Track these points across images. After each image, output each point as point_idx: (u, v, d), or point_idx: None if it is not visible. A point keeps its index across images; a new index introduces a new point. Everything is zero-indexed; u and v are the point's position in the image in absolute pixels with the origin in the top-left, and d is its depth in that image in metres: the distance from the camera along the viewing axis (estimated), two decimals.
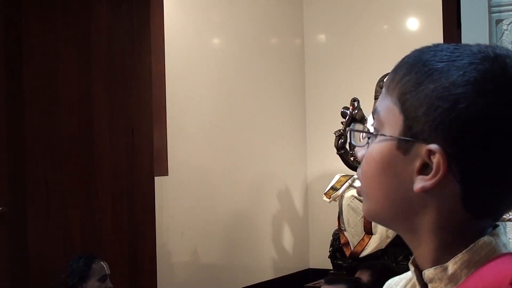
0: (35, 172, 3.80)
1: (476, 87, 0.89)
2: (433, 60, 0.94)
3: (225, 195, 6.06)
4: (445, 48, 0.95)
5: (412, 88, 0.94)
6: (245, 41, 6.38)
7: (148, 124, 4.31)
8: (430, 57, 0.95)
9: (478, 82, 0.89)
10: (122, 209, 4.17)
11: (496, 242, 0.92)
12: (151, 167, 4.32)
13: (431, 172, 0.90)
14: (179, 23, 5.56)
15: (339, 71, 6.83)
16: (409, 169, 0.92)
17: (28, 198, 3.73)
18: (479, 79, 0.89)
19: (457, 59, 0.92)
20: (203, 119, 5.86)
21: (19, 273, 3.37)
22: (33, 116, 3.46)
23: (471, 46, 0.94)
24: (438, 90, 0.91)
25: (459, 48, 0.94)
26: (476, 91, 0.89)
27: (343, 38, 6.90)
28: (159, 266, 4.43)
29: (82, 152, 4.02)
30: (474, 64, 0.91)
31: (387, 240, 5.21)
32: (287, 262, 6.58)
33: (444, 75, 0.92)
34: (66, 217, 3.94)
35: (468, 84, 0.89)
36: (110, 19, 4.13)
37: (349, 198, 5.32)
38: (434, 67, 0.93)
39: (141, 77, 4.27)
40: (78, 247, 3.87)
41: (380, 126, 0.97)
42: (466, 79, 0.90)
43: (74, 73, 4.00)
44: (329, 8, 6.94)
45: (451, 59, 0.93)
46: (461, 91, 0.89)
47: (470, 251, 0.91)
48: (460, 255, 0.91)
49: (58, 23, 3.92)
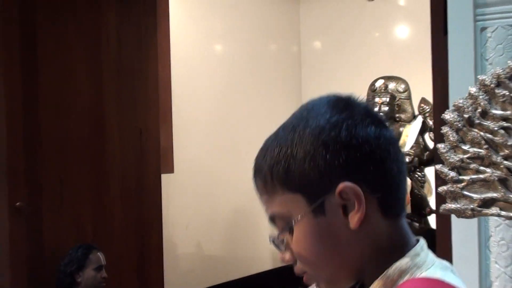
0: (50, 170, 3.81)
1: (333, 124, 0.93)
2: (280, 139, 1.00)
3: (226, 191, 6.07)
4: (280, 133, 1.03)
5: (283, 164, 0.94)
6: (245, 48, 6.40)
7: (155, 125, 4.33)
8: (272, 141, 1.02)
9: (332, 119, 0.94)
10: (131, 204, 4.19)
11: (409, 264, 0.93)
12: (157, 165, 4.34)
13: (355, 204, 0.91)
14: (183, 31, 5.56)
15: (333, 76, 6.84)
16: (337, 222, 0.92)
17: (44, 194, 3.73)
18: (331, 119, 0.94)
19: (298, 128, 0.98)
20: (206, 120, 5.88)
21: (35, 262, 3.39)
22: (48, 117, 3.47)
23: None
24: (306, 146, 0.93)
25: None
26: (333, 125, 0.93)
27: (337, 45, 6.91)
28: (165, 257, 4.44)
29: (94, 151, 4.03)
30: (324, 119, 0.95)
31: None
32: None
33: (302, 132, 0.95)
34: (78, 211, 3.95)
35: (327, 125, 0.93)
36: (119, 27, 4.14)
37: None
38: (284, 140, 0.98)
39: (148, 81, 4.29)
40: (89, 239, 3.88)
41: (287, 221, 0.96)
42: (322, 124, 0.94)
43: (85, 77, 4.01)
44: (324, 17, 6.96)
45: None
46: (326, 133, 0.92)
47: (384, 276, 0.92)
48: (376, 282, 0.92)
49: (70, 30, 3.93)
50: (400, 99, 5.56)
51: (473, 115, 2.13)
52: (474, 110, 2.13)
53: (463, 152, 2.15)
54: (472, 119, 2.13)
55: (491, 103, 2.12)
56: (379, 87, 5.62)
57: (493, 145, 2.12)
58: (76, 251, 3.56)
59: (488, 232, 2.85)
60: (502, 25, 2.82)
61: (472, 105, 2.14)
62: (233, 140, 6.17)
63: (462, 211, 2.17)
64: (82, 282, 3.51)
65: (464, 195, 2.15)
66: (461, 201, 2.16)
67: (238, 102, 6.25)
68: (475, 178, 2.14)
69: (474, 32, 2.84)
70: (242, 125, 6.28)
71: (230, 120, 6.15)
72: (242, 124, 6.28)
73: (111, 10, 4.10)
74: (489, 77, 2.12)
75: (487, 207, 2.14)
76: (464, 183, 2.15)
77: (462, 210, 2.17)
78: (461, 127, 2.15)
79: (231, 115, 6.16)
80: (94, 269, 3.54)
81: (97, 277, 3.54)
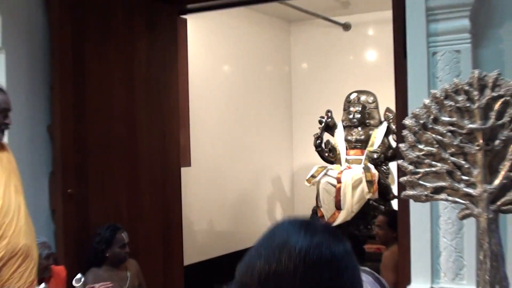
0: (94, 164, 3.80)
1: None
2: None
3: (232, 180, 6.07)
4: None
5: (273, 282, 0.83)
6: (246, 68, 6.40)
7: (176, 128, 4.31)
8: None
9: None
10: (157, 191, 4.15)
11: None
12: (178, 160, 4.31)
13: None
14: (198, 54, 5.57)
15: (317, 90, 6.84)
16: None
17: (89, 183, 3.72)
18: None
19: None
20: (217, 125, 5.88)
21: (83, 239, 3.37)
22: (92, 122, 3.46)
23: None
24: (295, 264, 0.83)
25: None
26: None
27: (320, 66, 6.91)
28: (184, 232, 4.43)
29: (128, 149, 4.00)
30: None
31: (352, 214, 5.22)
32: None
33: None
34: (116, 197, 3.92)
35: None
36: (148, 51, 4.13)
37: (324, 183, 5.32)
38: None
39: (170, 93, 4.26)
40: (125, 220, 3.84)
41: None
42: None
43: (122, 90, 3.99)
44: (310, 44, 6.96)
45: None
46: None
47: None
48: None
49: (111, 53, 3.92)
50: (370, 108, 5.57)
51: (427, 121, 2.14)
52: (427, 117, 2.14)
53: (419, 150, 2.16)
54: (426, 124, 2.14)
55: (441, 111, 2.13)
56: (353, 99, 5.63)
57: (442, 145, 2.13)
58: (105, 231, 3.48)
59: (438, 213, 2.86)
60: (448, 51, 2.84)
61: (426, 113, 2.15)
62: (238, 141, 6.17)
63: (418, 196, 2.17)
64: (109, 257, 3.46)
65: (420, 184, 2.16)
66: (417, 188, 2.17)
67: (241, 111, 6.26)
68: (428, 170, 2.15)
69: (427, 56, 2.86)
70: (244, 128, 6.29)
71: (235, 124, 6.15)
72: (244, 127, 6.28)
73: (142, 38, 4.10)
74: (439, 91, 2.13)
75: (437, 194, 2.15)
76: (420, 175, 2.16)
77: (418, 196, 2.17)
78: (418, 130, 2.16)
79: (236, 120, 6.17)
80: (119, 247, 3.46)
81: (122, 253, 3.48)
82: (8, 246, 2.64)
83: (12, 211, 2.69)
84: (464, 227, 2.80)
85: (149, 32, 4.13)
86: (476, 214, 2.07)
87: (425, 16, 2.84)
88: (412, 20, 2.87)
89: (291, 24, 7.04)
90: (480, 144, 2.06)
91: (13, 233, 2.67)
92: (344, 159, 5.51)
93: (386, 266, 3.74)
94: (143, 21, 4.08)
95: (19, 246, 2.67)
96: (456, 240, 2.82)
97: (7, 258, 2.64)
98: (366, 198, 5.19)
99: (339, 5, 6.32)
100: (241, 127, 6.23)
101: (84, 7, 3.78)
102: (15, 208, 2.71)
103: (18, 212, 2.71)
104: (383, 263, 3.80)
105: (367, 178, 5.15)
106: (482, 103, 2.04)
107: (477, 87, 2.05)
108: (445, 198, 2.14)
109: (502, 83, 2.03)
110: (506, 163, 2.04)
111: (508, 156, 2.03)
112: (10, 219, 2.68)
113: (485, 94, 2.04)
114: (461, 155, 2.10)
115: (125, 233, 3.52)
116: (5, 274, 2.64)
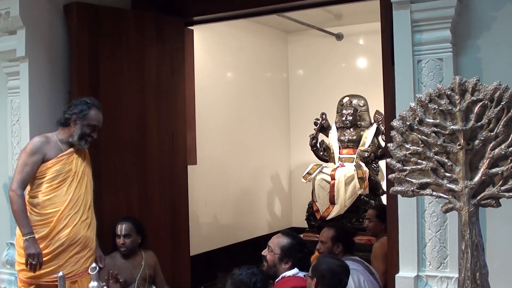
0: (107, 162, 3.81)
1: None
2: None
3: (235, 177, 6.08)
4: None
5: None
6: (247, 74, 6.40)
7: (183, 129, 4.30)
8: None
9: None
10: (165, 187, 4.14)
11: None
12: (185, 158, 4.30)
13: None
14: (203, 62, 5.58)
15: (312, 94, 6.85)
16: None
17: (103, 179, 3.72)
18: None
19: None
20: (220, 126, 5.89)
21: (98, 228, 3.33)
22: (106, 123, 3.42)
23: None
24: None
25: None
26: None
27: (315, 72, 6.92)
28: (191, 225, 4.42)
29: (139, 148, 4.01)
30: None
31: (345, 208, 5.21)
32: (277, 222, 6.60)
33: None
34: (128, 193, 3.93)
35: None
36: (158, 59, 4.13)
37: (319, 180, 5.32)
38: None
39: (178, 97, 4.25)
40: (136, 213, 3.84)
41: None
42: None
43: (133, 94, 3.99)
44: (306, 52, 6.96)
45: None
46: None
47: None
48: None
49: (123, 61, 3.93)
50: (361, 111, 5.58)
51: (413, 123, 2.15)
52: (413, 119, 2.15)
53: (406, 150, 2.17)
54: (412, 125, 2.15)
55: (425, 114, 2.14)
56: (345, 102, 5.64)
57: (427, 144, 2.14)
58: (116, 221, 3.56)
59: (423, 207, 2.87)
60: (432, 59, 2.85)
61: (412, 115, 2.16)
62: (240, 141, 6.18)
63: (405, 192, 2.18)
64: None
65: (407, 180, 2.17)
66: (405, 184, 2.18)
67: (243, 113, 6.26)
68: (415, 168, 2.16)
69: (413, 64, 2.87)
70: (246, 129, 6.29)
71: (237, 125, 6.16)
72: (246, 128, 6.29)
73: (152, 47, 4.10)
74: (424, 95, 2.14)
75: (423, 189, 2.16)
76: (407, 172, 2.17)
77: (405, 191, 2.18)
78: (405, 131, 2.17)
79: (238, 122, 6.17)
80: (117, 237, 3.52)
81: (118, 243, 3.51)
82: (69, 235, 2.98)
83: (79, 206, 3.03)
84: (447, 220, 2.81)
85: (159, 42, 4.13)
86: (458, 208, 2.08)
87: (411, 28, 2.86)
88: (399, 31, 2.89)
89: (288, 34, 7.05)
90: (461, 144, 2.07)
91: (76, 224, 3.00)
92: (337, 157, 5.51)
93: (376, 256, 3.74)
94: (153, 32, 4.09)
95: (79, 236, 3.00)
96: (440, 232, 2.83)
97: (67, 245, 2.97)
98: (357, 193, 5.20)
99: (332, 17, 6.33)
100: (243, 128, 6.23)
101: (100, 19, 3.80)
102: (82, 203, 3.04)
103: (84, 208, 3.05)
104: (373, 253, 3.80)
105: (358, 175, 5.16)
106: (463, 107, 2.06)
107: (458, 92, 2.06)
108: (430, 193, 2.15)
109: (481, 88, 2.04)
110: (485, 161, 2.05)
111: (487, 154, 2.05)
112: (75, 212, 3.01)
113: (465, 98, 2.06)
114: (444, 154, 2.11)
115: (125, 225, 3.51)
116: (63, 258, 2.96)
